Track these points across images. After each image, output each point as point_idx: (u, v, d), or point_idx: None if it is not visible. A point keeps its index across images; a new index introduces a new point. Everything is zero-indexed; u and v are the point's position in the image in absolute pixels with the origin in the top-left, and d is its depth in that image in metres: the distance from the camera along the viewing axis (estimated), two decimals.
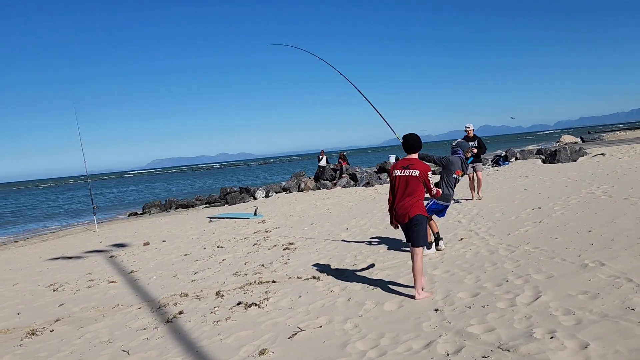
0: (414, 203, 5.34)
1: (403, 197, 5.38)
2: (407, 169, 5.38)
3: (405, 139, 5.57)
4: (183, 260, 9.69)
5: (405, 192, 5.37)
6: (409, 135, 5.58)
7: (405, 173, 5.38)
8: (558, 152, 18.02)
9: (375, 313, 5.11)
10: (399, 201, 5.42)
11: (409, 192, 5.34)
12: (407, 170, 5.37)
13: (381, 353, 4.09)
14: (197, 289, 7.19)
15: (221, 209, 21.24)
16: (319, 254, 8.50)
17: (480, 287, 5.40)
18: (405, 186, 5.37)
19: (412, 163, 5.42)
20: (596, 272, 5.24)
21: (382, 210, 12.79)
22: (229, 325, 5.35)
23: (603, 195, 9.57)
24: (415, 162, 5.44)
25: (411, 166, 5.38)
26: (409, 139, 5.53)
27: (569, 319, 4.17)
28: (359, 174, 23.92)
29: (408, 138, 5.54)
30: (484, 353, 3.77)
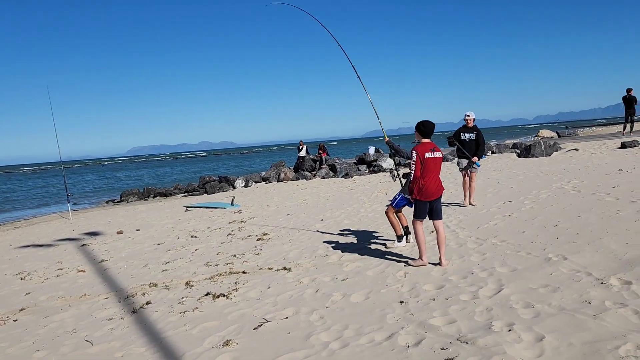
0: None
1: (437, 176, 6.10)
2: (434, 151, 6.02)
3: (424, 124, 6.10)
4: (156, 249, 9.61)
5: (438, 172, 6.10)
6: (427, 121, 6.13)
7: (435, 155, 6.02)
8: (533, 147, 18.28)
9: (342, 305, 5.15)
10: (435, 180, 6.07)
11: (439, 172, 6.13)
12: (436, 152, 6.03)
13: (343, 344, 4.13)
14: (167, 279, 7.14)
15: (199, 198, 21.11)
16: (292, 244, 8.52)
17: (446, 280, 5.47)
18: (436, 167, 6.06)
19: (435, 147, 6.08)
20: (558, 266, 5.35)
21: (359, 202, 12.85)
22: (195, 316, 5.33)
23: (572, 190, 9.75)
24: (435, 146, 6.11)
25: (436, 149, 6.06)
26: (427, 124, 6.10)
27: (528, 312, 4.26)
28: (338, 165, 23.96)
29: (426, 124, 6.10)
30: (443, 345, 3.83)
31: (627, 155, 14.58)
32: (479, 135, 9.69)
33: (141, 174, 60.80)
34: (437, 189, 6.09)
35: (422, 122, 6.10)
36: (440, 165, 6.10)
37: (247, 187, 24.27)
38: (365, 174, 22.24)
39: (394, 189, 14.38)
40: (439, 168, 6.09)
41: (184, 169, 65.48)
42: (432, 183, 6.02)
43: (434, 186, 6.05)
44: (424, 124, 6.09)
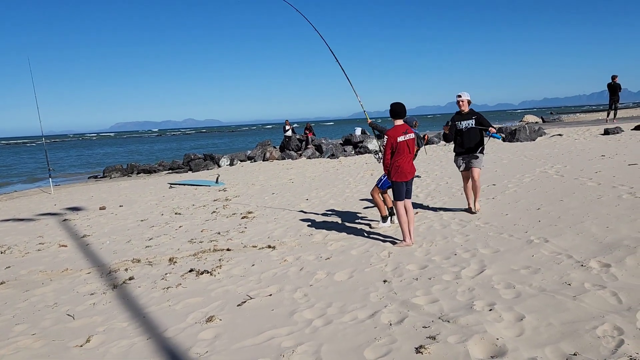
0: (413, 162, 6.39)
1: (410, 158, 6.27)
2: (406, 134, 6.16)
3: (393, 106, 6.19)
4: (139, 226, 9.53)
5: (409, 154, 6.23)
6: (396, 103, 6.21)
7: (407, 137, 6.16)
8: (518, 131, 18.41)
9: (326, 283, 5.17)
10: (408, 162, 6.23)
11: (411, 153, 6.27)
12: (407, 135, 6.16)
13: (327, 322, 4.15)
14: (150, 255, 7.10)
15: (184, 176, 20.95)
16: (276, 223, 8.51)
17: (429, 260, 5.52)
18: (409, 149, 6.20)
19: (407, 129, 6.21)
20: (540, 249, 5.42)
21: (344, 182, 12.86)
22: (179, 292, 5.32)
23: (555, 175, 9.86)
24: (408, 127, 6.25)
25: (408, 131, 6.19)
26: (395, 106, 6.18)
27: (509, 292, 4.32)
28: (324, 146, 23.92)
29: (395, 106, 6.18)
30: (425, 323, 3.87)
31: (610, 141, 14.77)
32: (481, 119, 7.59)
33: (125, 150, 60.06)
34: (411, 169, 6.31)
35: (392, 104, 6.22)
36: (412, 147, 6.28)
37: (232, 166, 24.13)
38: (351, 155, 22.25)
39: (379, 170, 14.40)
40: (413, 149, 6.30)
41: (168, 146, 64.81)
42: (406, 164, 6.21)
43: (408, 167, 6.25)
44: (393, 106, 6.21)
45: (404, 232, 6.21)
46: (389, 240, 6.53)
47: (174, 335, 4.21)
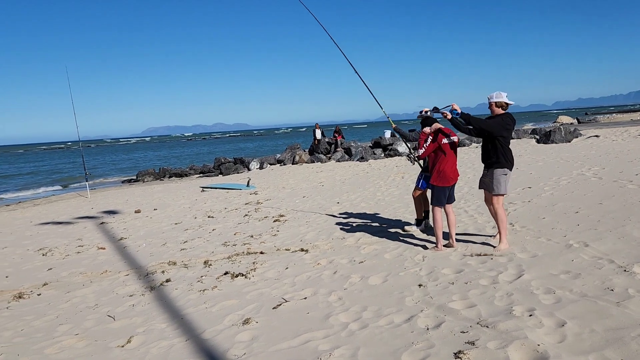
0: None
1: (454, 162, 6.12)
2: (450, 136, 6.05)
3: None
4: (173, 228, 9.71)
5: (454, 157, 6.10)
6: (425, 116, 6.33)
7: (451, 139, 6.05)
8: (553, 133, 18.01)
9: (360, 287, 5.17)
10: (452, 165, 6.08)
11: (455, 156, 6.15)
12: (452, 137, 6.06)
13: (362, 325, 4.15)
14: (185, 257, 7.23)
15: (215, 179, 21.25)
16: (308, 226, 8.54)
17: (465, 264, 5.45)
18: (454, 152, 6.10)
19: (451, 131, 6.07)
20: (579, 253, 5.29)
21: (375, 186, 12.82)
22: (214, 294, 5.40)
23: (593, 177, 9.61)
24: (451, 130, 6.09)
25: (452, 134, 6.08)
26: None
27: (549, 298, 4.23)
28: (353, 149, 23.89)
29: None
30: (463, 328, 3.82)
31: None
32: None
33: (157, 154, 61.28)
34: (455, 174, 6.14)
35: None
36: (456, 150, 6.14)
37: (262, 169, 24.35)
38: (381, 158, 22.16)
39: (410, 173, 14.31)
40: (456, 152, 6.14)
41: (199, 149, 65.83)
42: (450, 168, 6.04)
43: (452, 171, 6.08)
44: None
45: (438, 237, 6.13)
46: (423, 245, 6.48)
47: (212, 337, 4.27)
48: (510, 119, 5.79)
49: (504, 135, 5.72)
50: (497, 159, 5.74)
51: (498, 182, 5.77)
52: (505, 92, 5.86)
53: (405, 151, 22.22)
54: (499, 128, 5.68)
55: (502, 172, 5.75)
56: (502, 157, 5.73)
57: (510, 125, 5.78)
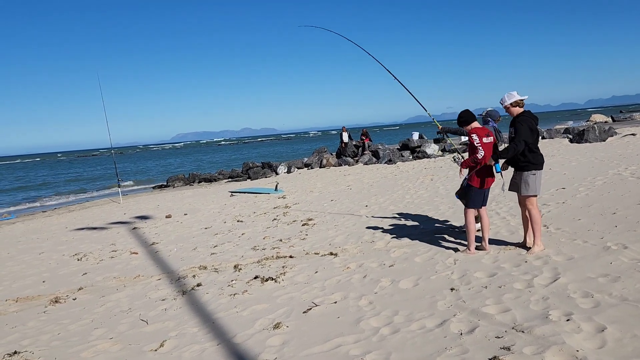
0: None
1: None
2: (488, 136, 5.82)
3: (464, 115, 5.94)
4: (203, 233, 9.83)
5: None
6: (464, 111, 5.98)
7: (489, 140, 5.82)
8: (586, 132, 17.53)
9: (390, 291, 5.11)
10: (489, 167, 5.88)
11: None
12: (489, 138, 5.83)
13: (394, 330, 4.10)
14: (215, 262, 7.29)
15: (243, 184, 21.43)
16: (337, 230, 8.52)
17: (498, 267, 5.33)
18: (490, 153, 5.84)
19: (488, 132, 5.86)
20: (618, 255, 5.12)
21: (403, 188, 12.71)
22: (245, 299, 5.42)
23: (630, 177, 9.30)
24: (488, 130, 5.89)
25: (489, 134, 5.86)
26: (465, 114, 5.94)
27: (587, 302, 4.09)
28: (381, 151, 23.76)
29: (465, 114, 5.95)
30: (498, 333, 3.74)
31: None
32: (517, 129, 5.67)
33: (186, 159, 62.27)
34: (492, 176, 5.97)
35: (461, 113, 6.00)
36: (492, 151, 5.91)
37: (289, 173, 24.44)
38: (409, 160, 21.97)
39: (439, 175, 14.14)
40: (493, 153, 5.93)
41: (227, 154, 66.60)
42: (487, 169, 5.89)
43: (489, 173, 5.92)
44: (462, 114, 5.96)
45: (470, 240, 6.01)
46: (454, 247, 6.37)
47: (243, 341, 4.29)
48: (532, 117, 5.64)
49: (532, 139, 5.59)
50: (526, 162, 5.60)
51: (526, 184, 5.63)
52: (514, 91, 5.78)
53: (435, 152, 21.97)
54: (530, 134, 5.54)
55: (530, 173, 5.61)
56: (530, 158, 5.60)
57: (533, 126, 5.64)
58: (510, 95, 5.70)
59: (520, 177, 5.68)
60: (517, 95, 5.70)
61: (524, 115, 5.62)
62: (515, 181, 5.80)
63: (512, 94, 5.71)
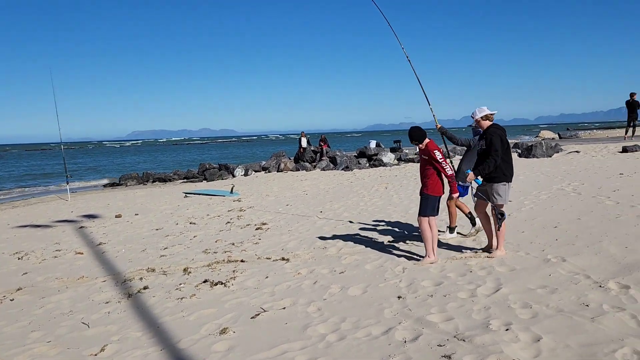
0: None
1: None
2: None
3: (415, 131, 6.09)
4: (154, 234, 9.61)
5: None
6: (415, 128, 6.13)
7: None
8: (534, 147, 18.25)
9: (340, 297, 5.15)
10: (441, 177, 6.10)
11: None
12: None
13: (340, 337, 4.13)
14: (165, 264, 7.14)
15: (198, 185, 21.11)
16: (290, 235, 8.51)
17: (444, 277, 5.47)
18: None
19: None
20: (557, 268, 5.35)
21: (358, 195, 12.84)
22: (193, 303, 5.34)
23: (573, 192, 9.75)
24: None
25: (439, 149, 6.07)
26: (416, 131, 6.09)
27: (526, 312, 4.26)
28: (339, 158, 23.95)
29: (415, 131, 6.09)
30: (440, 342, 3.83)
31: (628, 159, 14.57)
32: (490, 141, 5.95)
33: (141, 158, 60.74)
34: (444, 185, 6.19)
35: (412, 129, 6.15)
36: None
37: (246, 176, 24.26)
38: (366, 168, 22.23)
39: (394, 183, 14.37)
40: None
41: (184, 155, 65.41)
42: (441, 179, 6.11)
43: (442, 182, 6.15)
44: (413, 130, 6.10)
45: (430, 248, 6.09)
46: (404, 256, 6.49)
47: (188, 346, 4.22)
48: (501, 129, 5.96)
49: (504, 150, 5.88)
50: (497, 174, 5.87)
51: (497, 194, 5.92)
52: (484, 106, 6.09)
53: (391, 161, 22.34)
54: (499, 144, 5.81)
55: (502, 184, 5.90)
56: (503, 170, 5.88)
57: (504, 137, 5.95)
58: (481, 109, 6.01)
59: (491, 188, 5.94)
60: (487, 110, 6.01)
61: (494, 127, 5.93)
62: (486, 190, 6.04)
63: (482, 108, 6.02)
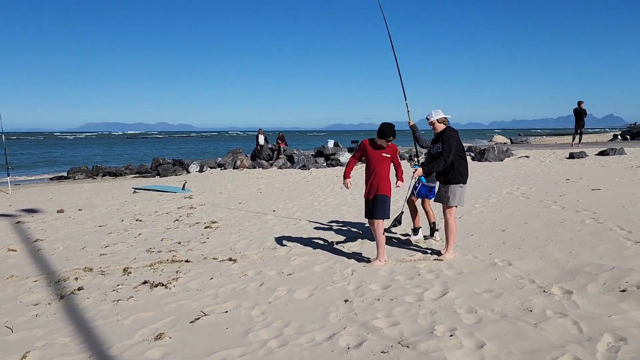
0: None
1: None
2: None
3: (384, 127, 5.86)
4: (96, 231, 9.15)
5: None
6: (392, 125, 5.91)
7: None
8: (487, 151, 18.67)
9: (285, 300, 4.99)
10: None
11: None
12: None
13: (282, 343, 3.97)
14: (104, 263, 6.77)
15: (150, 181, 20.45)
16: (240, 235, 8.28)
17: (392, 280, 5.39)
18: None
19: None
20: (503, 272, 5.37)
21: (313, 195, 12.71)
22: (130, 306, 5.04)
23: (521, 197, 9.95)
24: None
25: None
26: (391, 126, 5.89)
27: (471, 317, 4.22)
28: (296, 156, 23.79)
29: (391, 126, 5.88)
30: (384, 348, 3.73)
31: (575, 165, 15.08)
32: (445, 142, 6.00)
33: (93, 151, 58.65)
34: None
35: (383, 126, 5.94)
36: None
37: (201, 172, 23.76)
38: (323, 167, 22.17)
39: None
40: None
41: (138, 149, 63.61)
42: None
43: None
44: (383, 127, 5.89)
45: (382, 252, 6.01)
46: (354, 257, 6.39)
47: (119, 353, 3.95)
48: (455, 132, 6.00)
49: (458, 152, 5.93)
50: (454, 175, 5.94)
51: (453, 195, 5.96)
52: (439, 109, 6.14)
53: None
54: (455, 146, 5.83)
55: (458, 186, 5.96)
56: (457, 172, 5.95)
57: (458, 139, 5.98)
58: (436, 112, 6.07)
59: (447, 189, 5.98)
60: (442, 113, 6.06)
61: (450, 129, 5.99)
62: (441, 193, 6.10)
63: (438, 111, 6.08)
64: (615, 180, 11.31)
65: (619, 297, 4.42)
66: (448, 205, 5.98)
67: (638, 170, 12.69)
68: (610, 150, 17.00)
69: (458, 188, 5.95)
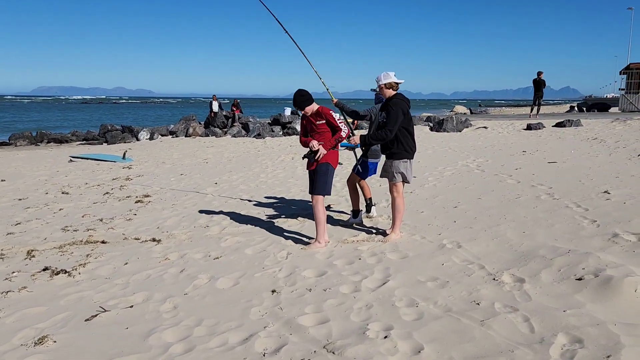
0: None
1: None
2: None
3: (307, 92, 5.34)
4: (13, 206, 8.22)
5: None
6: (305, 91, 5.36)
7: None
8: (445, 122, 18.27)
9: (204, 291, 4.34)
10: None
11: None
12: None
13: (188, 348, 3.33)
14: (8, 244, 5.94)
15: (93, 149, 19.21)
16: (173, 210, 7.54)
17: (330, 265, 4.81)
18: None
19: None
20: (451, 255, 4.86)
21: (261, 166, 12.00)
22: (20, 298, 4.30)
23: (477, 169, 9.53)
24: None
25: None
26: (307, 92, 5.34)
27: (411, 313, 3.68)
28: (251, 124, 22.85)
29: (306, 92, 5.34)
30: (304, 354, 3.14)
31: (532, 137, 14.85)
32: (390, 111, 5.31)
33: (43, 116, 55.68)
34: None
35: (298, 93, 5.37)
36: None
37: (151, 140, 22.64)
38: (279, 136, 21.39)
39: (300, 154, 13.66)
40: None
41: (92, 114, 60.78)
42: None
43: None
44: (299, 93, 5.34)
45: (322, 232, 5.40)
46: (292, 238, 5.79)
47: None
48: (404, 99, 5.30)
49: (404, 123, 5.25)
50: (397, 150, 5.32)
51: (398, 171, 5.36)
52: (392, 72, 5.38)
53: None
54: (401, 117, 5.17)
55: (402, 161, 5.36)
56: (402, 147, 5.31)
57: (406, 110, 5.29)
58: (386, 75, 5.31)
59: (391, 165, 5.39)
60: (394, 77, 5.29)
61: (397, 98, 5.27)
62: (386, 168, 5.49)
63: (389, 74, 5.32)
64: (572, 152, 11.06)
65: (575, 287, 3.95)
66: (393, 182, 5.41)
67: (594, 143, 12.51)
68: (567, 122, 16.88)
69: (402, 163, 5.35)
